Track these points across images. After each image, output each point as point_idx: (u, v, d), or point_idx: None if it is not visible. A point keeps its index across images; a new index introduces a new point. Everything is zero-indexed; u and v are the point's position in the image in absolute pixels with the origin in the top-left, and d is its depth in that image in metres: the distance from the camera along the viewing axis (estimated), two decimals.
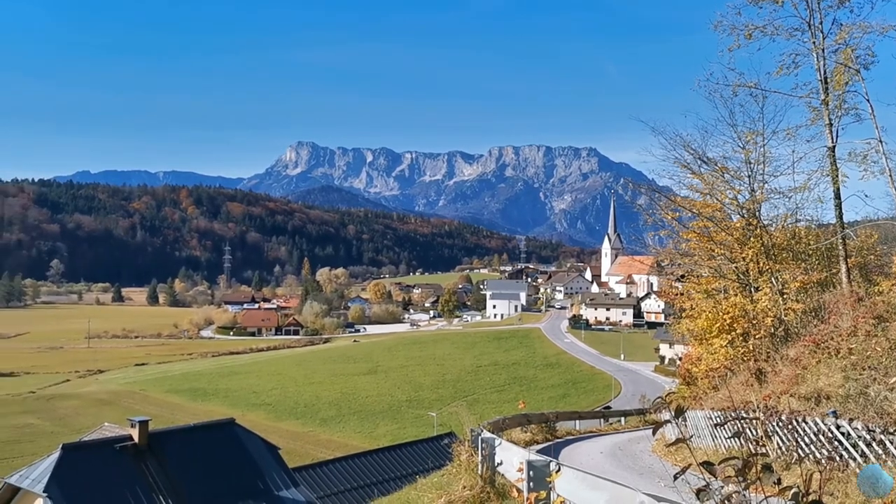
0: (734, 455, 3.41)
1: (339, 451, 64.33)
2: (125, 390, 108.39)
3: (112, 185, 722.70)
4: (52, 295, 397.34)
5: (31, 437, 75.78)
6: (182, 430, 39.54)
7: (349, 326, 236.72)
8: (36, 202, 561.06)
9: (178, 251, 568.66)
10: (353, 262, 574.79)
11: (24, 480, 31.23)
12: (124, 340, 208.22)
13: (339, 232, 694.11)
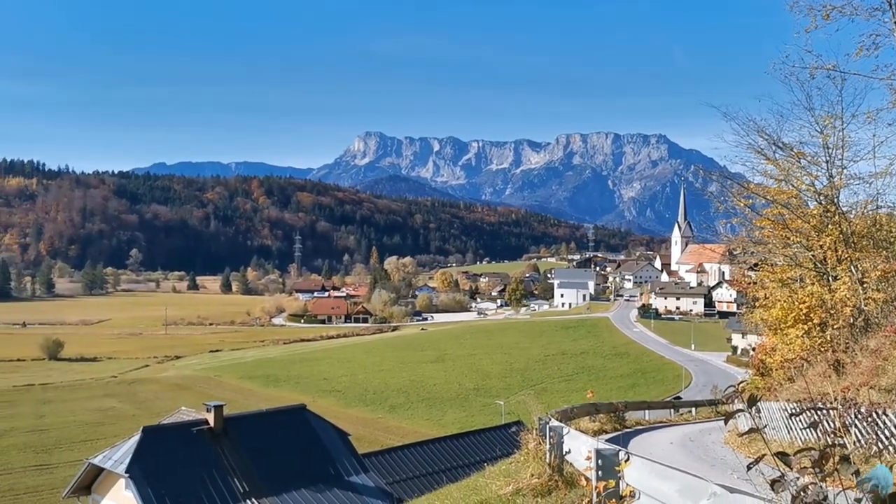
0: (810, 447, 3.35)
1: (407, 437, 64.97)
2: (201, 376, 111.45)
3: (187, 176, 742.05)
4: (131, 283, 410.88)
5: (113, 419, 78.67)
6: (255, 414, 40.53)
7: (417, 315, 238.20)
8: (116, 193, 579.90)
9: (250, 240, 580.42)
10: (421, 251, 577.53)
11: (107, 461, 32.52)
12: (199, 327, 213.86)
13: (406, 221, 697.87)
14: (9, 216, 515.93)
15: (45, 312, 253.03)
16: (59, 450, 65.10)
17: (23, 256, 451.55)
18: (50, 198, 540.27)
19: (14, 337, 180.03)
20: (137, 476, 30.14)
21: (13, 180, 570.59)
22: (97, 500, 34.66)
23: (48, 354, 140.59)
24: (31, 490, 53.55)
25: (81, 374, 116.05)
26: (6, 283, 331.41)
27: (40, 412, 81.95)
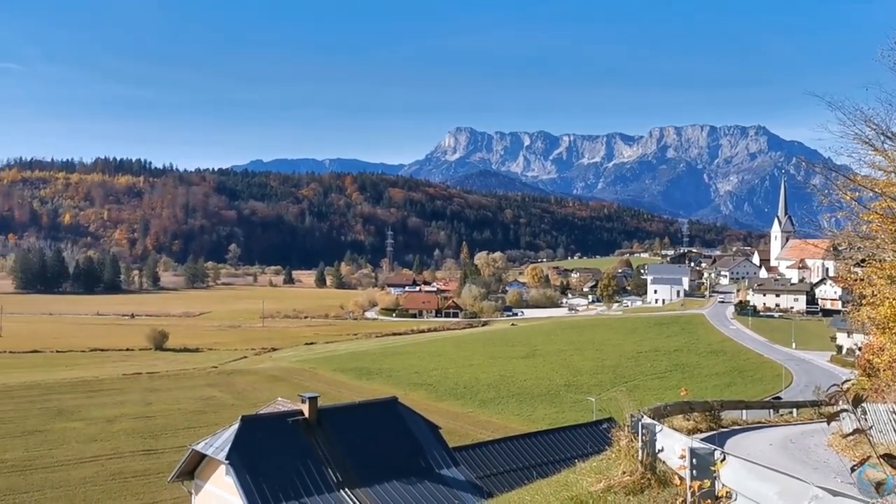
0: None
1: (498, 432, 64.96)
2: (296, 368, 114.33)
3: (283, 172, 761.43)
4: (230, 277, 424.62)
5: (214, 408, 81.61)
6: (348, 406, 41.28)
7: (507, 310, 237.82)
8: (216, 190, 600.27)
9: (343, 236, 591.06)
10: (511, 246, 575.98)
11: (208, 448, 33.76)
12: (295, 320, 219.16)
13: (496, 216, 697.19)
14: (119, 213, 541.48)
15: (151, 305, 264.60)
16: (165, 436, 67.99)
17: (131, 251, 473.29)
18: (156, 195, 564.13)
19: (123, 328, 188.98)
20: (237, 463, 31.18)
21: (122, 178, 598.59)
22: (200, 485, 36.05)
23: (154, 345, 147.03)
24: (139, 473, 56.12)
25: (184, 364, 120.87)
26: (116, 277, 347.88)
27: (147, 400, 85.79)
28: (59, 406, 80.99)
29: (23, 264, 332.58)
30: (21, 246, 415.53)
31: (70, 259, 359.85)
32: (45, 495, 50.88)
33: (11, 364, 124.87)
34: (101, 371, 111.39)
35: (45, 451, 62.06)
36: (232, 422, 35.99)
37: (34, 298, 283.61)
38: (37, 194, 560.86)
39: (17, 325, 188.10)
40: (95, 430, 69.76)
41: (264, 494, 30.32)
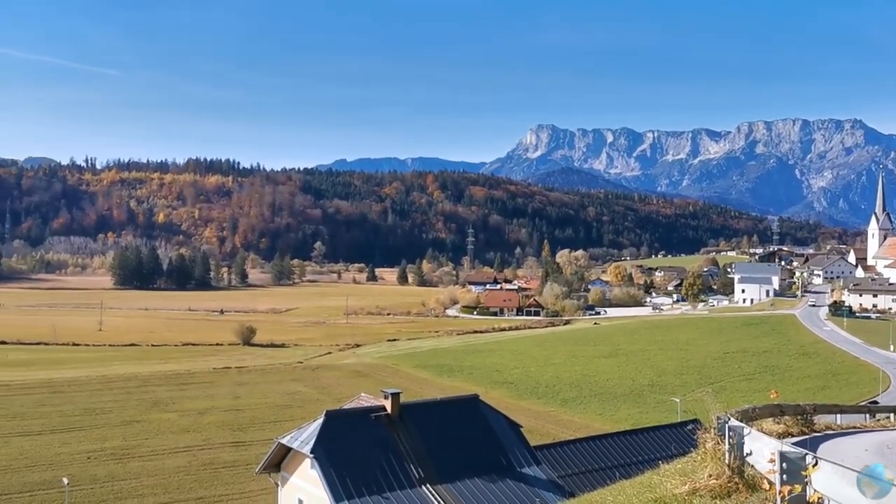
0: None
1: (580, 431, 64.37)
2: (379, 364, 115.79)
3: (366, 171, 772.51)
4: (315, 274, 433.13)
5: (299, 402, 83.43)
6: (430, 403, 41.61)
7: (589, 309, 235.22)
8: (302, 189, 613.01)
9: (424, 233, 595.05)
10: (593, 244, 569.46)
11: (294, 441, 34.58)
12: (377, 317, 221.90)
13: (578, 214, 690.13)
14: (209, 211, 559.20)
15: (239, 301, 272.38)
16: (253, 429, 69.91)
17: (220, 249, 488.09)
18: (244, 194, 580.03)
19: (213, 323, 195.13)
20: (321, 457, 31.84)
21: (212, 178, 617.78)
22: (286, 478, 36.96)
23: (242, 340, 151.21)
24: (228, 464, 57.90)
25: (271, 359, 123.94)
26: (206, 274, 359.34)
27: (236, 393, 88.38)
28: (155, 397, 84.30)
29: (121, 261, 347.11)
30: (119, 244, 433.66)
31: (164, 256, 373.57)
32: (141, 482, 53.04)
33: (111, 357, 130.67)
34: (192, 365, 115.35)
35: (142, 441, 64.68)
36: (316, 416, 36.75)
37: (131, 294, 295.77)
38: (133, 194, 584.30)
39: (116, 319, 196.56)
40: (188, 422, 72.29)
41: (347, 488, 30.87)
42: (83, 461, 58.04)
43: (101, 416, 74.64)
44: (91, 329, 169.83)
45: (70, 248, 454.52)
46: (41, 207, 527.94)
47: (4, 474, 54.32)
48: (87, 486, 51.69)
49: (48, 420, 72.37)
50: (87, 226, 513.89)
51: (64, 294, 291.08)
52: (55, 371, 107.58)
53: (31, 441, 64.17)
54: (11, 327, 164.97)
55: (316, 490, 32.28)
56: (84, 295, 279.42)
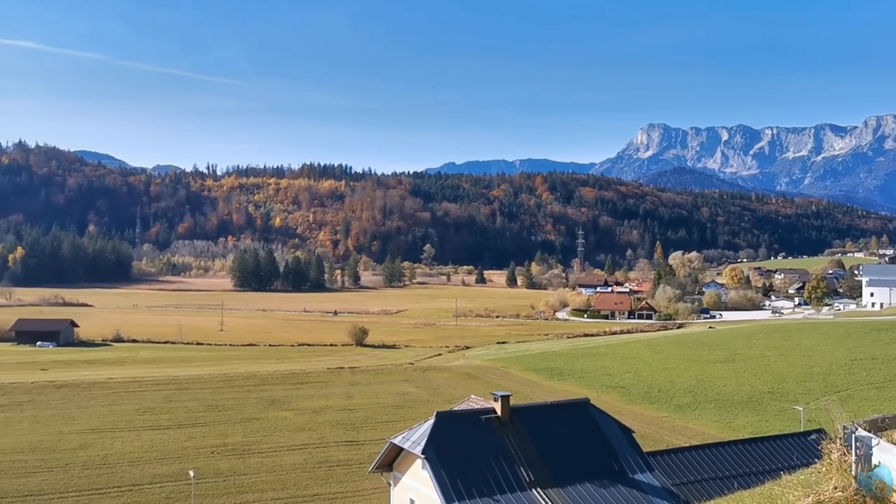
0: None
1: (694, 438, 62.61)
2: (488, 366, 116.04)
3: (474, 174, 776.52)
4: (425, 276, 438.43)
5: (410, 403, 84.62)
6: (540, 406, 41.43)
7: (703, 312, 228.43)
8: (411, 192, 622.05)
9: (533, 235, 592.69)
10: (707, 246, 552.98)
11: (405, 442, 35.17)
12: (486, 319, 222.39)
13: (691, 214, 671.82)
14: (322, 215, 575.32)
15: (352, 302, 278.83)
16: (365, 428, 71.41)
17: (334, 251, 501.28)
18: (356, 198, 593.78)
19: (327, 324, 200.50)
20: (432, 457, 32.25)
21: (326, 183, 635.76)
22: (398, 477, 37.62)
23: (355, 341, 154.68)
24: (342, 463, 59.36)
25: (383, 360, 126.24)
26: (321, 276, 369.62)
27: (349, 393, 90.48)
28: (272, 396, 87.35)
29: (240, 264, 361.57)
30: (238, 247, 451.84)
31: (280, 259, 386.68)
32: (261, 478, 55.08)
33: (232, 356, 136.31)
34: (307, 365, 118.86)
35: (261, 438, 67.15)
36: (427, 417, 37.24)
37: (250, 296, 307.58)
38: (251, 199, 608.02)
39: (236, 320, 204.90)
40: (303, 420, 74.55)
41: (458, 489, 31.16)
42: (207, 455, 60.80)
43: (223, 412, 77.96)
44: (213, 329, 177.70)
45: (194, 251, 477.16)
46: (168, 213, 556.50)
47: (137, 466, 57.58)
48: (211, 479, 54.10)
49: (175, 415, 76.18)
50: (209, 230, 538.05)
51: (188, 295, 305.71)
52: (181, 369, 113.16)
53: (160, 435, 67.73)
54: (143, 326, 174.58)
55: (427, 490, 32.73)
56: (206, 296, 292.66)
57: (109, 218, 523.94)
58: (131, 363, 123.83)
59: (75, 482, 53.34)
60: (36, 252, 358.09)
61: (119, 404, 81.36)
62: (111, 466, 57.29)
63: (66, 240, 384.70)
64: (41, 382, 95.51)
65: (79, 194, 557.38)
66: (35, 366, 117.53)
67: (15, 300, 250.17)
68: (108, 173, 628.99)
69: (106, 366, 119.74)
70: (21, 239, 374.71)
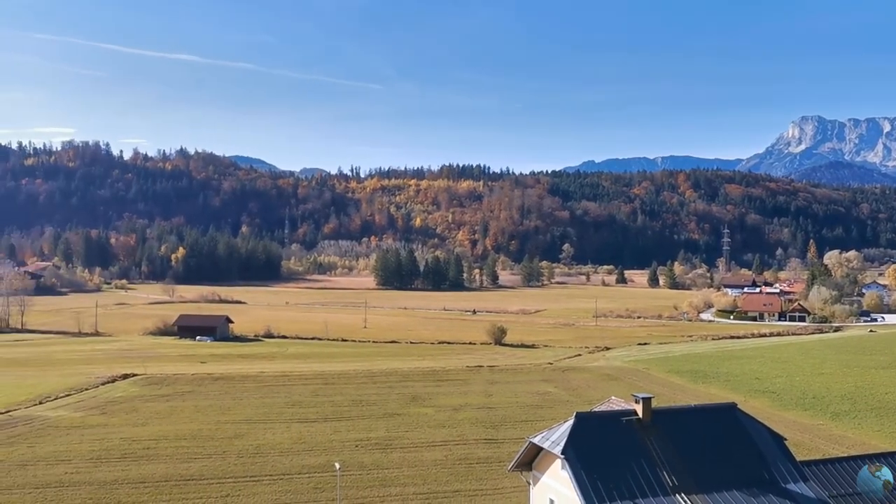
0: None
1: (853, 448, 58.97)
2: (629, 367, 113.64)
3: (614, 172, 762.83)
4: (563, 276, 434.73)
5: (549, 403, 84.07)
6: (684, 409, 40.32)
7: (863, 315, 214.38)
8: (549, 192, 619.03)
9: (676, 234, 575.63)
10: (867, 245, 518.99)
11: (545, 441, 35.08)
12: (627, 320, 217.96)
13: (849, 211, 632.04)
14: (461, 215, 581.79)
15: (490, 301, 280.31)
16: (505, 427, 71.59)
17: (472, 251, 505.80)
18: (493, 198, 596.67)
19: (466, 323, 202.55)
20: (572, 458, 32.01)
21: (464, 183, 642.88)
22: (537, 477, 37.59)
23: (494, 339, 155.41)
24: (481, 461, 59.80)
25: (521, 360, 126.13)
26: (459, 275, 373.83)
27: (488, 391, 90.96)
28: (413, 392, 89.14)
29: (382, 263, 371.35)
30: (381, 247, 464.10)
31: (420, 258, 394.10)
32: (402, 472, 56.38)
33: (375, 352, 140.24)
34: (447, 362, 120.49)
35: (402, 433, 68.69)
36: (567, 417, 36.99)
37: (391, 294, 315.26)
38: (393, 200, 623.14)
39: (379, 317, 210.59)
40: (444, 417, 75.63)
41: (599, 491, 30.77)
42: (352, 448, 62.84)
43: (366, 407, 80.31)
44: (357, 326, 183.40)
45: (338, 251, 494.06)
46: (314, 214, 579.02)
47: (287, 456, 60.31)
48: (356, 471, 55.89)
49: (321, 409, 79.17)
50: (353, 230, 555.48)
51: (333, 293, 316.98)
52: (327, 364, 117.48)
53: (307, 427, 70.60)
54: (291, 323, 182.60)
55: (567, 491, 32.52)
56: (351, 294, 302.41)
57: (261, 219, 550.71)
58: (281, 358, 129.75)
59: (231, 469, 56.52)
60: (195, 252, 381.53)
61: (270, 397, 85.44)
62: (263, 455, 60.29)
63: (221, 240, 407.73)
64: (200, 374, 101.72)
65: (233, 197, 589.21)
66: (195, 359, 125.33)
67: (177, 297, 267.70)
68: (260, 177, 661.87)
69: (258, 360, 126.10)
70: (182, 240, 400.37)
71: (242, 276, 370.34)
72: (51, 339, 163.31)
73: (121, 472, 55.25)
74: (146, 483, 52.74)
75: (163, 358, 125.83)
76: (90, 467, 56.34)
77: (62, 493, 50.38)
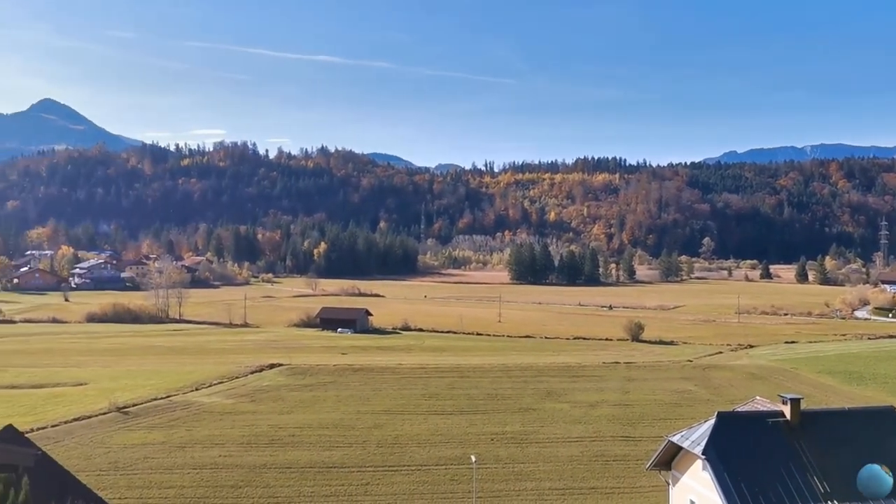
0: None
1: None
2: (775, 367, 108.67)
3: (758, 163, 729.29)
4: (703, 271, 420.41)
5: (689, 402, 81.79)
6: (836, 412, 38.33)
7: None
8: (688, 184, 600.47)
9: (827, 227, 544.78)
10: None
11: (684, 441, 34.26)
12: (772, 317, 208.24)
13: None
14: (596, 209, 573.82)
15: (627, 296, 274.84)
16: (642, 424, 70.25)
17: (608, 245, 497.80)
18: (630, 191, 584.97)
19: (602, 318, 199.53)
20: (714, 459, 31.12)
21: (599, 176, 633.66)
22: (677, 477, 36.74)
23: (631, 336, 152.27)
24: (618, 458, 59.02)
25: (659, 357, 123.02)
26: (595, 270, 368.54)
27: (625, 388, 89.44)
28: (548, 388, 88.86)
29: (516, 258, 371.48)
30: (514, 241, 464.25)
31: (555, 253, 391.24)
32: (538, 467, 56.45)
33: (509, 347, 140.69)
34: (582, 358, 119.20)
35: (538, 428, 68.70)
36: (707, 417, 35.94)
37: (525, 289, 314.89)
38: (527, 194, 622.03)
39: (513, 312, 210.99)
40: (579, 413, 75.03)
41: (743, 495, 29.77)
42: (487, 442, 63.46)
43: (501, 401, 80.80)
44: (491, 320, 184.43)
45: (472, 245, 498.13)
46: (449, 209, 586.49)
47: (424, 447, 61.66)
48: (491, 465, 56.43)
49: (457, 402, 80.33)
50: (487, 225, 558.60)
51: (468, 288, 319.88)
52: (462, 358, 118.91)
53: (443, 419, 71.85)
54: (427, 316, 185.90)
55: (708, 493, 31.65)
56: (485, 289, 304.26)
57: (398, 215, 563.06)
58: (417, 351, 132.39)
59: (371, 458, 58.38)
60: (336, 247, 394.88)
61: (407, 389, 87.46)
62: (401, 446, 61.89)
63: (360, 236, 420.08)
64: (341, 365, 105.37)
65: (371, 193, 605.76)
66: (336, 350, 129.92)
67: (319, 290, 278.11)
68: (397, 173, 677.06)
69: (395, 352, 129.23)
70: (324, 235, 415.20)
71: (380, 271, 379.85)
72: (205, 329, 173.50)
73: (269, 456, 58.23)
74: (292, 468, 55.33)
75: (306, 349, 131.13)
76: (241, 451, 59.71)
77: (217, 475, 53.67)
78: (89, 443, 61.32)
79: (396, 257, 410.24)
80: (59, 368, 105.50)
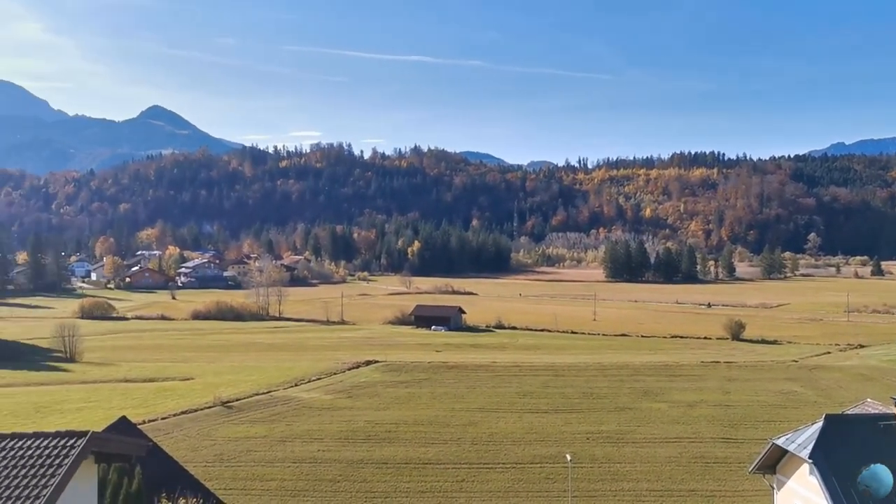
0: None
1: None
2: (888, 368, 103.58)
3: (868, 155, 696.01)
4: (809, 267, 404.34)
5: (794, 403, 78.89)
6: None
7: None
8: (792, 178, 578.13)
9: None
10: None
11: (790, 444, 33.08)
12: (885, 315, 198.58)
13: None
14: (694, 204, 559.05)
15: (726, 294, 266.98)
16: (744, 426, 68.19)
17: (706, 242, 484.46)
18: (729, 185, 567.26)
19: (700, 316, 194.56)
20: (821, 463, 29.93)
21: (697, 171, 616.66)
22: (782, 481, 35.48)
23: (731, 334, 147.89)
24: (719, 460, 57.49)
25: (762, 356, 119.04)
26: (692, 267, 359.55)
27: (725, 388, 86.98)
28: (645, 387, 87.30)
29: (611, 255, 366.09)
30: (609, 238, 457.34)
31: (651, 250, 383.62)
32: (634, 467, 55.60)
33: (604, 345, 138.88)
34: (680, 357, 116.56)
35: (634, 427, 67.63)
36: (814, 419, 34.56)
37: (621, 286, 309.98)
38: (622, 191, 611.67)
39: (608, 310, 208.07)
40: (677, 413, 73.44)
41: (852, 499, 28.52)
42: (583, 441, 62.88)
43: (596, 400, 79.89)
44: (586, 318, 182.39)
45: (566, 243, 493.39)
46: (542, 206, 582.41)
47: (519, 445, 61.61)
48: (587, 464, 55.91)
49: (552, 400, 79.86)
50: (581, 222, 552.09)
51: (562, 285, 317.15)
52: (556, 356, 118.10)
53: (538, 418, 71.57)
54: (521, 314, 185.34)
55: (816, 498, 30.48)
56: (579, 287, 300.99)
57: (490, 213, 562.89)
58: (511, 349, 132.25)
59: (466, 455, 58.73)
60: (429, 245, 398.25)
61: (501, 387, 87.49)
62: (496, 444, 62.00)
63: (453, 234, 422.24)
64: (436, 362, 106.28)
65: (463, 192, 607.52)
66: (430, 347, 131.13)
67: (413, 288, 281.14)
68: (489, 171, 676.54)
69: (489, 350, 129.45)
70: (417, 233, 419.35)
71: (473, 269, 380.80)
72: (303, 326, 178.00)
73: (366, 452, 59.35)
74: (388, 464, 56.23)
75: (401, 346, 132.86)
76: (339, 446, 61.06)
77: (316, 469, 55.07)
78: (196, 435, 63.93)
79: (489, 255, 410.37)
80: (167, 363, 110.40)
